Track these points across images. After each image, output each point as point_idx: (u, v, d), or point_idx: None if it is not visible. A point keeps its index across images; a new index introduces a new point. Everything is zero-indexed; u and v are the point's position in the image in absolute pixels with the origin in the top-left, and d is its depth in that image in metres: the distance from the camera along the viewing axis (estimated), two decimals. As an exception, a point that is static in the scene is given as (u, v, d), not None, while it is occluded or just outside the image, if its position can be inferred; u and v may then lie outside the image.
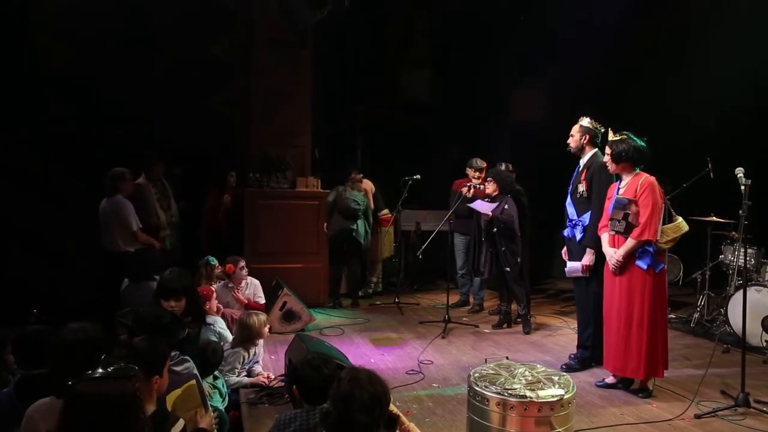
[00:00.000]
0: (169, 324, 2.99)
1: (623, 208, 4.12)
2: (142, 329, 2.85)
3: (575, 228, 4.76)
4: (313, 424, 2.42)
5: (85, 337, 2.36)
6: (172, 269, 3.71)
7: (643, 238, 4.04)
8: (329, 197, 6.87)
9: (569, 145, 4.79)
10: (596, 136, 4.71)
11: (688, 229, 4.21)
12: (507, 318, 6.11)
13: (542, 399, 2.89)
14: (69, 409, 1.81)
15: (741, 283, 4.95)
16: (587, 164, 4.70)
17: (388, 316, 6.57)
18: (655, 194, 4.07)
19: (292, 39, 7.09)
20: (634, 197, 4.10)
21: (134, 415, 1.81)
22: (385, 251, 7.59)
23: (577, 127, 4.75)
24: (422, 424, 3.71)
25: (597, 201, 4.56)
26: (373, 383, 2.07)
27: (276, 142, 7.00)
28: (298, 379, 2.61)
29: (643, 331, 4.09)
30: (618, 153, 4.17)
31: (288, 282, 6.09)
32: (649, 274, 4.09)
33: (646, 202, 4.05)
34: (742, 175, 4.04)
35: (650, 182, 4.10)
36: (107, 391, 1.79)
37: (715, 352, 4.64)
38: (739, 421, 3.78)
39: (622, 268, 4.16)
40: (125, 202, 5.38)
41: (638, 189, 4.10)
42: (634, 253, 4.10)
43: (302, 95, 7.20)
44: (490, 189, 5.92)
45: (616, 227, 4.18)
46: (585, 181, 4.67)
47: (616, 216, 4.17)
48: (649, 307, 4.09)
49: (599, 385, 4.40)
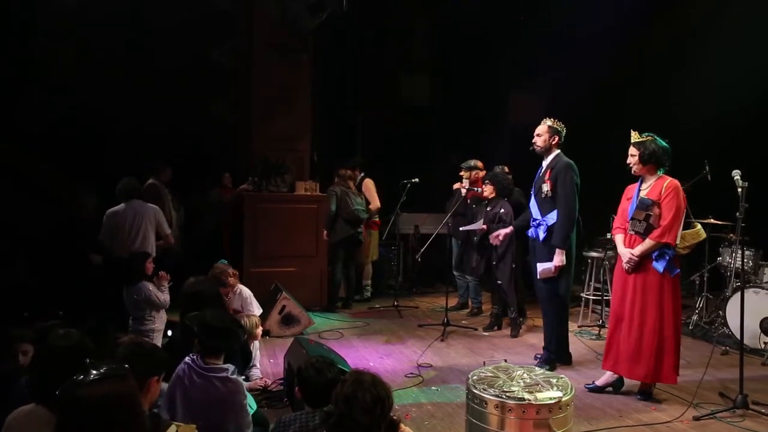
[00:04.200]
0: (231, 327, 3.04)
1: (646, 209, 4.06)
2: (208, 334, 2.92)
3: (539, 228, 4.78)
4: (313, 426, 2.43)
5: (70, 344, 2.34)
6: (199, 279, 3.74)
7: (663, 240, 3.98)
8: (331, 205, 6.74)
9: (535, 144, 4.79)
10: (561, 136, 4.74)
11: (705, 236, 4.19)
12: (498, 320, 6.12)
13: (540, 401, 2.90)
14: (66, 415, 1.74)
15: (739, 285, 4.96)
16: (551, 164, 4.72)
17: (387, 319, 6.58)
18: (679, 198, 4.02)
19: (292, 44, 7.12)
20: (657, 199, 4.05)
21: (134, 412, 1.77)
22: (373, 254, 7.53)
23: (545, 127, 4.77)
24: (421, 427, 3.72)
25: (565, 201, 4.58)
26: (376, 386, 2.09)
27: (276, 146, 7.03)
28: (302, 382, 2.62)
29: (662, 334, 4.02)
30: (650, 153, 4.09)
31: (287, 286, 6.10)
32: (665, 278, 4.03)
33: (671, 205, 4.00)
34: (739, 177, 4.05)
35: (675, 185, 4.06)
36: (104, 392, 1.73)
37: (713, 354, 4.64)
38: (738, 423, 3.79)
39: (636, 269, 4.09)
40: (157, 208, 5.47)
41: (663, 191, 4.04)
42: (650, 255, 4.04)
43: (302, 99, 7.24)
44: (487, 192, 5.94)
45: (636, 227, 4.11)
46: (549, 181, 4.68)
47: (637, 216, 4.10)
48: (667, 310, 4.03)
49: (589, 388, 4.35)
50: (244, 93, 7.43)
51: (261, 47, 7.09)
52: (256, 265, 6.47)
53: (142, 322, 4.48)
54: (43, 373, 2.25)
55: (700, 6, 7.23)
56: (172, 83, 7.22)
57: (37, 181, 6.28)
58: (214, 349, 2.93)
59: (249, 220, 6.68)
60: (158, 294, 4.49)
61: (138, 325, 4.49)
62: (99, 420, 1.70)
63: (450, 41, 8.99)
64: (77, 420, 1.71)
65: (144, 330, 4.44)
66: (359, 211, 6.80)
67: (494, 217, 5.80)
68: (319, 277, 6.95)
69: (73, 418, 1.72)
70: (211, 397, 2.83)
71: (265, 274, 6.24)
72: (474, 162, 6.58)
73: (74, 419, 1.72)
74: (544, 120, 4.81)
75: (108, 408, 1.72)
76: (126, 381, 1.82)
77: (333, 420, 2.07)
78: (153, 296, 4.46)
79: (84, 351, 2.29)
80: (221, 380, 2.86)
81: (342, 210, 6.75)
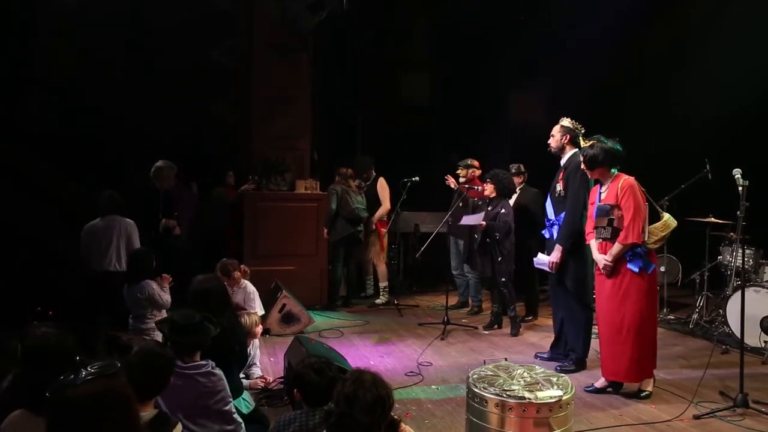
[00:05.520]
0: (200, 322, 3.02)
1: (606, 215, 4.13)
2: (179, 333, 2.90)
3: (552, 228, 4.81)
4: (313, 425, 2.43)
5: (48, 344, 2.30)
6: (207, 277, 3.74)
7: (628, 242, 4.02)
8: (331, 203, 6.75)
9: (549, 145, 4.81)
10: (576, 136, 4.73)
11: (676, 224, 4.15)
12: (498, 319, 6.13)
13: (541, 400, 2.89)
14: (56, 415, 1.70)
15: (739, 284, 4.95)
16: (565, 164, 4.74)
17: (387, 318, 6.58)
18: (635, 196, 4.04)
19: (292, 43, 7.13)
20: (616, 201, 4.08)
21: (126, 410, 1.74)
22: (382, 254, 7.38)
23: (558, 127, 4.79)
24: (421, 425, 3.72)
25: (571, 201, 4.60)
26: (377, 386, 2.09)
27: (276, 145, 7.04)
28: (300, 382, 2.62)
29: (638, 334, 4.06)
30: (590, 159, 4.17)
31: (287, 284, 6.10)
32: (642, 277, 4.06)
33: (627, 204, 4.03)
34: (740, 176, 4.05)
35: (629, 184, 4.08)
36: (93, 391, 1.70)
37: (713, 352, 4.62)
38: (738, 422, 3.78)
39: (613, 272, 4.12)
40: None
41: (618, 192, 4.08)
42: (625, 256, 4.07)
43: (302, 99, 7.24)
44: (488, 191, 5.94)
45: (602, 234, 4.18)
46: (562, 180, 4.70)
47: (600, 224, 4.18)
48: (642, 309, 4.06)
49: (588, 390, 4.32)
50: (244, 93, 7.43)
51: (261, 47, 7.09)
52: (256, 263, 6.46)
53: (143, 321, 4.48)
54: (24, 376, 2.23)
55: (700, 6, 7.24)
56: (172, 83, 7.22)
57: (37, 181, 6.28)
58: (188, 347, 2.90)
59: (249, 219, 6.70)
60: (161, 293, 4.49)
61: (138, 323, 4.49)
62: (89, 419, 1.67)
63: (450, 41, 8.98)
64: (67, 419, 1.68)
65: (144, 328, 4.44)
66: (359, 210, 6.80)
67: (495, 216, 5.80)
68: (320, 275, 6.96)
69: (63, 417, 1.69)
70: (198, 392, 2.82)
71: (265, 273, 6.24)
72: (470, 161, 6.64)
73: (64, 419, 1.68)
74: (561, 119, 4.81)
75: (98, 406, 1.68)
76: (116, 379, 1.79)
77: (333, 419, 2.08)
78: (156, 295, 4.46)
79: (63, 351, 2.26)
80: (205, 375, 2.86)
81: (342, 209, 6.75)
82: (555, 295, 5.00)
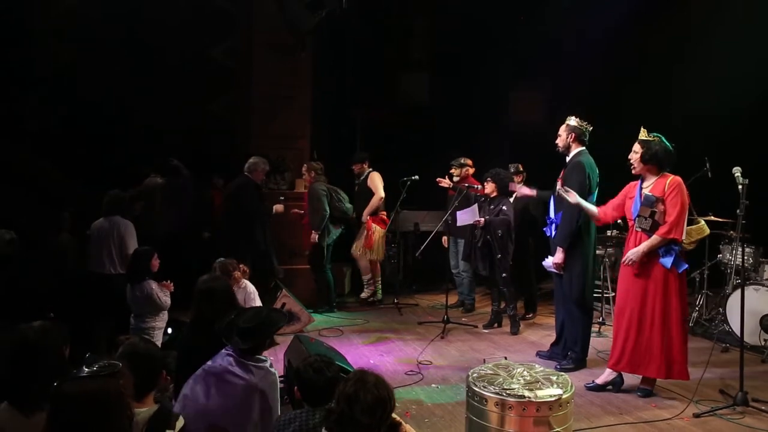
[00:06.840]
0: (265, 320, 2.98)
1: (651, 206, 4.05)
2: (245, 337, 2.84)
3: (551, 226, 4.84)
4: (313, 424, 2.43)
5: (29, 343, 2.32)
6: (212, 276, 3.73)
7: (670, 236, 3.97)
8: (324, 205, 6.44)
9: (557, 144, 4.82)
10: (583, 134, 4.73)
11: (709, 232, 4.19)
12: (498, 318, 6.13)
13: (540, 399, 2.89)
14: (55, 410, 1.81)
15: (739, 283, 4.96)
16: (568, 163, 4.75)
17: (387, 317, 6.59)
18: (683, 194, 4.03)
19: (291, 42, 7.13)
20: (662, 195, 4.04)
21: (118, 411, 1.83)
22: (379, 253, 7.05)
23: (564, 126, 4.78)
24: (421, 424, 3.72)
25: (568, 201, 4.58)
26: (378, 387, 2.09)
27: (275, 145, 7.05)
28: (301, 381, 2.62)
29: (670, 332, 4.02)
30: (653, 153, 4.08)
31: (286, 283, 6.10)
32: (672, 273, 4.03)
33: (675, 201, 3.99)
34: (740, 174, 4.05)
35: (679, 182, 4.07)
36: (89, 389, 1.80)
37: (713, 351, 4.63)
38: (738, 420, 3.79)
39: (643, 266, 4.08)
40: None
41: (666, 188, 4.04)
42: (657, 251, 4.04)
43: (301, 98, 7.25)
44: (488, 189, 5.94)
45: (642, 224, 4.09)
46: (561, 179, 4.70)
47: (643, 213, 4.09)
48: (674, 307, 4.03)
49: (589, 387, 4.32)
50: (244, 92, 7.44)
51: (261, 47, 7.10)
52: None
53: (143, 320, 4.48)
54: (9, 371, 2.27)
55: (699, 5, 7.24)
56: (172, 83, 7.22)
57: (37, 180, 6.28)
58: (253, 350, 2.86)
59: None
60: (160, 294, 4.49)
61: (139, 322, 4.49)
62: (84, 416, 1.78)
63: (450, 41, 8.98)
64: (65, 415, 1.79)
65: (145, 327, 4.44)
66: (348, 209, 6.72)
67: (497, 214, 5.80)
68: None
69: (61, 413, 1.80)
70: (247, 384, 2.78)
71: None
72: (464, 159, 6.65)
73: (62, 414, 1.80)
74: (568, 119, 4.80)
75: (93, 405, 1.79)
76: (115, 379, 1.87)
77: (333, 418, 2.08)
78: (155, 295, 4.46)
79: (46, 350, 2.31)
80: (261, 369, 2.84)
81: (334, 209, 6.56)
82: (557, 295, 5.01)
